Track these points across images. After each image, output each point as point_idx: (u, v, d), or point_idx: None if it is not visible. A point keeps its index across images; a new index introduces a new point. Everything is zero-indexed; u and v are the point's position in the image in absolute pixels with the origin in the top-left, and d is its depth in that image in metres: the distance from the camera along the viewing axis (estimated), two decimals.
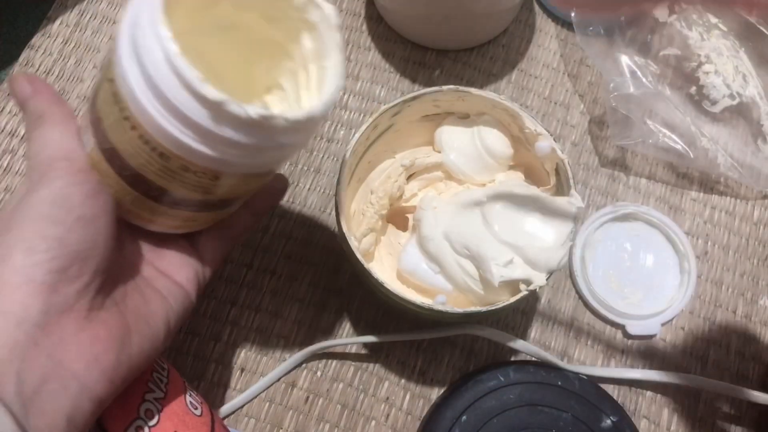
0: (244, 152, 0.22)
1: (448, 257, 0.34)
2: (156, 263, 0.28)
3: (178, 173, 0.23)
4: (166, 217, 0.26)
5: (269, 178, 0.28)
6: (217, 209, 0.27)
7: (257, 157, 0.23)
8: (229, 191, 0.25)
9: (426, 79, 0.47)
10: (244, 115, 0.21)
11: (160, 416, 0.27)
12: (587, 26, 0.45)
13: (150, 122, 0.21)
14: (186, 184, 0.24)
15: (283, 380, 0.39)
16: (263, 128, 0.22)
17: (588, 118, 0.46)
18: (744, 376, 0.40)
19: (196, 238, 0.29)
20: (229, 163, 0.23)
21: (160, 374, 0.29)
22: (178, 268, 0.28)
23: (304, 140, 0.25)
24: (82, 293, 0.22)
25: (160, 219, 0.26)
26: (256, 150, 0.23)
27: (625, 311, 0.40)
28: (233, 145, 0.22)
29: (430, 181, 0.39)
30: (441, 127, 0.38)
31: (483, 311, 0.31)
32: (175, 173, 0.23)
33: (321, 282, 0.41)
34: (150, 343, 0.25)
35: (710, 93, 0.45)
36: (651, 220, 0.43)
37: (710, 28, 0.46)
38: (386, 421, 0.39)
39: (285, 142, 0.23)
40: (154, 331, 0.25)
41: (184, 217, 0.26)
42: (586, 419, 0.35)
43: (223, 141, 0.22)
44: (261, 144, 0.23)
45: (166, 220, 0.26)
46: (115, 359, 0.23)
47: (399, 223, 0.38)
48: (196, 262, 0.29)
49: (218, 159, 0.22)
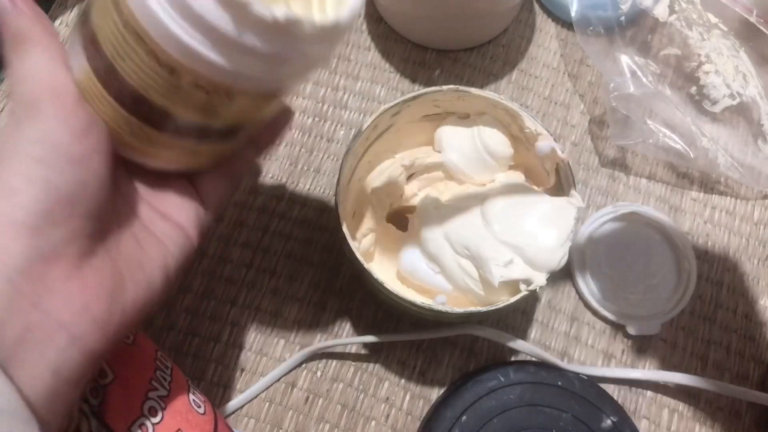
0: (262, 64, 0.20)
1: (448, 257, 0.34)
2: (154, 204, 0.25)
3: (186, 91, 0.21)
4: (167, 149, 0.24)
5: (278, 105, 0.26)
6: (222, 140, 0.25)
7: (275, 71, 0.21)
8: (238, 115, 0.23)
9: (426, 79, 0.47)
10: (269, 17, 0.18)
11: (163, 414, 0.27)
12: (587, 26, 0.45)
13: (158, 28, 0.19)
14: (193, 105, 0.21)
15: (283, 380, 0.39)
16: (288, 35, 0.20)
17: (588, 118, 0.46)
18: (744, 376, 0.40)
19: (198, 178, 0.27)
20: (245, 78, 0.21)
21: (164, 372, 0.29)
22: (178, 209, 0.26)
23: (326, 54, 0.23)
24: (72, 239, 0.21)
25: (160, 152, 0.24)
26: (276, 62, 0.21)
27: (625, 311, 0.40)
28: (253, 54, 0.20)
29: (430, 181, 0.39)
30: (441, 127, 0.38)
31: (483, 311, 0.31)
32: (183, 91, 0.21)
33: (321, 282, 0.41)
34: (146, 292, 0.23)
35: (710, 93, 0.45)
36: (651, 220, 0.43)
37: (710, 27, 0.46)
38: (386, 421, 0.39)
39: (308, 52, 0.21)
40: (150, 279, 0.23)
41: (186, 148, 0.24)
42: (586, 419, 0.35)
43: (242, 49, 0.19)
44: (282, 54, 0.20)
45: (166, 152, 0.24)
46: (107, 309, 0.21)
47: (399, 223, 0.38)
48: (196, 202, 0.27)
49: (233, 72, 0.20)
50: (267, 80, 0.22)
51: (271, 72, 0.21)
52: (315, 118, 0.46)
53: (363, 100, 0.46)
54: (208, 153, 0.25)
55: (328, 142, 0.45)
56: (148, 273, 0.23)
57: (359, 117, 0.46)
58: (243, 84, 0.21)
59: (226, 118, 0.23)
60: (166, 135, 0.23)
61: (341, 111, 0.46)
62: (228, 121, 0.24)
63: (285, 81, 0.23)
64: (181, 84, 0.20)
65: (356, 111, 0.46)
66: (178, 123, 0.22)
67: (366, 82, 0.47)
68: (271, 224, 0.43)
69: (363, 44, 0.48)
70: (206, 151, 0.25)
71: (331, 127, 0.46)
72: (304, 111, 0.46)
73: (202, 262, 0.41)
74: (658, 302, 0.41)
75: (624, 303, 0.41)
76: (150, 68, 0.20)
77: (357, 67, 0.47)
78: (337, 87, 0.47)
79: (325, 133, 0.45)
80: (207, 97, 0.21)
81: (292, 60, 0.21)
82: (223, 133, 0.24)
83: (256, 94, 0.22)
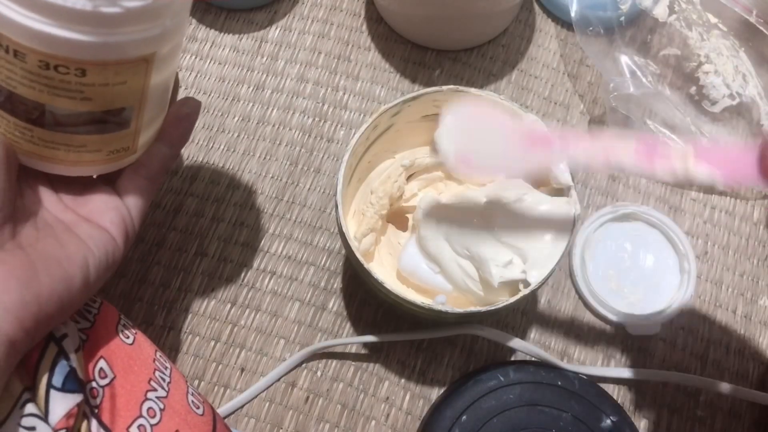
0: (92, 29, 0.22)
1: (448, 257, 0.34)
2: (78, 210, 0.28)
3: (42, 76, 0.22)
4: (63, 149, 0.26)
5: (161, 81, 0.27)
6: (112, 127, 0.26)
7: (110, 36, 0.22)
8: (107, 94, 0.24)
9: (426, 79, 0.47)
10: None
11: (162, 415, 0.27)
12: (587, 26, 0.45)
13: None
14: (57, 91, 0.23)
15: (283, 380, 0.39)
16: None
17: (588, 118, 0.47)
18: (744, 376, 0.40)
19: (120, 184, 0.29)
20: (84, 47, 0.22)
21: (163, 373, 0.29)
22: (102, 213, 0.28)
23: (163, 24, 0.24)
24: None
25: (60, 154, 0.26)
26: (106, 26, 0.22)
27: (625, 311, 0.40)
28: (79, 18, 0.21)
29: (430, 181, 0.39)
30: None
31: (483, 311, 0.31)
32: (39, 76, 0.22)
33: (321, 282, 0.41)
34: (63, 286, 0.24)
35: (710, 93, 0.45)
36: (651, 220, 0.43)
37: (710, 28, 0.46)
38: (386, 421, 0.39)
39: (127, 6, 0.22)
40: (69, 275, 0.25)
41: (80, 143, 0.26)
42: (586, 419, 0.35)
43: (67, 14, 0.21)
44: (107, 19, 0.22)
45: (65, 154, 0.26)
46: (18, 297, 0.22)
47: (399, 223, 0.38)
48: (120, 205, 0.28)
49: (70, 41, 0.22)
50: (107, 46, 0.23)
51: (106, 37, 0.22)
52: (315, 118, 0.46)
53: (363, 100, 0.46)
54: (105, 144, 0.27)
55: (328, 142, 0.45)
56: (66, 269, 0.25)
57: (359, 117, 0.46)
58: (86, 53, 0.22)
59: (97, 100, 0.24)
60: (54, 131, 0.25)
61: (341, 111, 0.46)
62: (102, 104, 0.25)
63: (129, 46, 0.24)
64: (32, 69, 0.22)
65: (356, 111, 0.46)
66: (57, 115, 0.24)
67: (366, 83, 0.47)
68: (271, 224, 0.43)
69: (363, 44, 0.48)
70: (101, 142, 0.26)
71: (331, 127, 0.46)
72: (304, 111, 0.46)
73: (201, 261, 0.41)
74: (658, 302, 0.41)
75: (624, 303, 0.41)
76: (2, 58, 0.22)
77: (357, 68, 0.47)
78: (337, 87, 0.47)
79: (325, 133, 0.45)
80: (63, 77, 0.22)
81: (114, 19, 0.22)
82: (106, 119, 0.25)
83: (108, 64, 0.23)
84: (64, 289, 0.24)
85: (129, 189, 0.29)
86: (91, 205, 0.28)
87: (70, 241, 0.26)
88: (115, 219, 0.28)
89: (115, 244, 0.27)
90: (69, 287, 0.24)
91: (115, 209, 0.28)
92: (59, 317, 0.24)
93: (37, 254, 0.24)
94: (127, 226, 0.28)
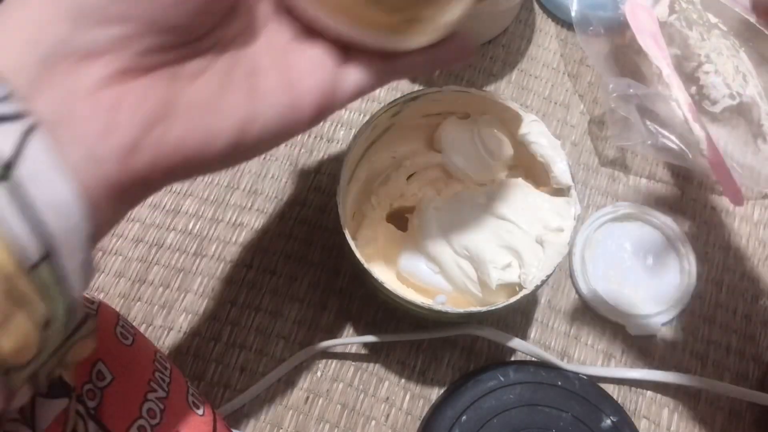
0: None
1: (448, 258, 0.34)
2: (279, 58, 0.22)
3: None
4: None
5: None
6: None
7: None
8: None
9: (426, 79, 0.47)
10: None
11: (162, 415, 0.27)
12: (587, 26, 0.45)
13: None
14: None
15: (283, 380, 0.39)
16: None
17: (588, 118, 0.47)
18: (744, 376, 0.40)
19: (353, 53, 0.23)
20: None
21: (163, 374, 0.29)
22: (306, 73, 0.22)
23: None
24: (120, 44, 0.17)
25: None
26: None
27: (625, 311, 0.40)
28: None
29: (430, 181, 0.39)
30: (441, 127, 0.38)
31: (482, 311, 0.31)
32: None
33: (321, 282, 0.41)
34: (197, 140, 0.19)
35: (710, 93, 0.45)
36: (651, 220, 0.43)
37: (710, 27, 0.46)
38: (386, 421, 0.39)
39: None
40: (212, 130, 0.19)
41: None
42: (586, 419, 0.35)
43: None
44: None
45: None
46: (132, 139, 0.17)
47: (399, 223, 0.38)
48: (332, 74, 0.22)
49: None
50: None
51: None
52: None
53: (363, 100, 0.46)
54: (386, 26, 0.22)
55: (328, 142, 0.45)
56: (212, 122, 0.19)
57: (359, 117, 0.46)
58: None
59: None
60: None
61: (341, 111, 0.46)
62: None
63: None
64: None
65: (356, 111, 0.46)
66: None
67: None
68: (271, 224, 0.43)
69: None
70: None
71: (331, 127, 0.46)
72: None
73: (201, 262, 0.41)
74: (658, 302, 0.41)
75: (624, 303, 0.41)
76: None
77: None
78: None
79: (325, 133, 0.45)
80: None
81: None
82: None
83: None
84: (196, 145, 0.19)
85: (360, 64, 0.23)
86: (299, 58, 0.22)
87: (238, 89, 0.20)
88: (314, 86, 0.22)
89: (301, 113, 0.22)
90: (204, 144, 0.19)
91: (322, 75, 0.22)
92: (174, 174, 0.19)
93: (186, 94, 0.19)
94: (326, 101, 0.22)
